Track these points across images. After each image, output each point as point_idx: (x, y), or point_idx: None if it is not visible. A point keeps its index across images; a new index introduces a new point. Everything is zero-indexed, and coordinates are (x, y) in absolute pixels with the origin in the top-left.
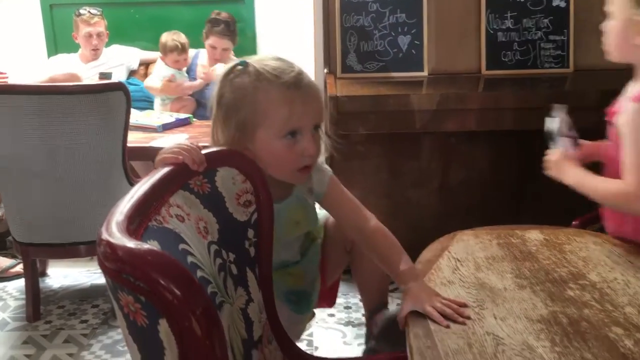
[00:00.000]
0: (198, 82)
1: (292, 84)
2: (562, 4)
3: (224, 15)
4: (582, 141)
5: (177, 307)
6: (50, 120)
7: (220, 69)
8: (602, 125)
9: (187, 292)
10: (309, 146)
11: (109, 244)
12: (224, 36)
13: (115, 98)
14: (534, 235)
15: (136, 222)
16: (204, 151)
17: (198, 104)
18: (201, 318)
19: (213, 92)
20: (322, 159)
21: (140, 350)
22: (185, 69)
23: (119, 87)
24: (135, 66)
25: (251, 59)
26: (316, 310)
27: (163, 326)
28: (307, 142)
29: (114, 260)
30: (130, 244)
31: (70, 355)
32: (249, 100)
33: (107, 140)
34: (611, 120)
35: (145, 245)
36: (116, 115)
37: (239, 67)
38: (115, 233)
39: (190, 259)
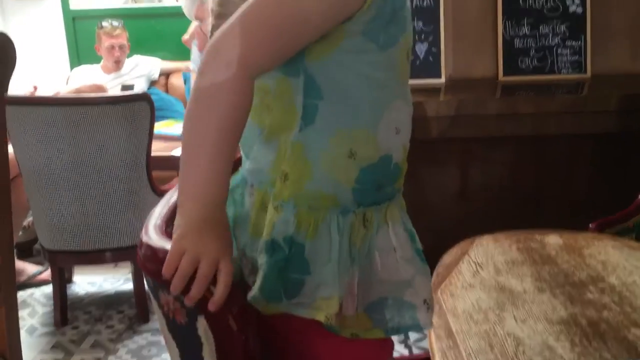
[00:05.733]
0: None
1: None
2: (579, 10)
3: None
4: None
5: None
6: (78, 131)
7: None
8: (622, 128)
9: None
10: None
11: (150, 247)
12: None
13: (140, 108)
14: (553, 240)
15: (172, 226)
16: None
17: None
18: (237, 316)
19: None
20: None
21: (179, 346)
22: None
23: (143, 97)
24: (156, 76)
25: None
26: None
27: (201, 323)
28: None
29: (155, 262)
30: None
31: (98, 359)
32: None
33: (133, 150)
34: None
35: None
36: (141, 125)
37: None
38: (154, 236)
39: None
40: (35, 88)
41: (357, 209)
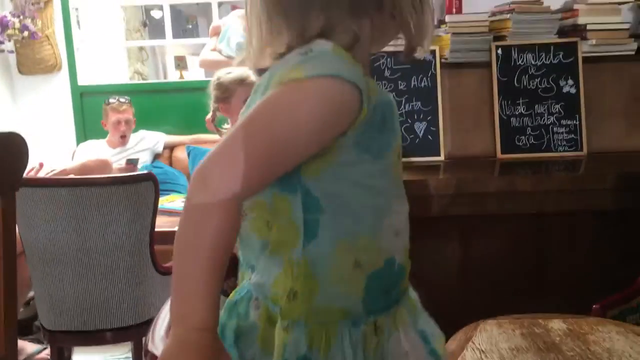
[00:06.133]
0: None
1: None
2: (572, 90)
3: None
4: None
5: None
6: (82, 211)
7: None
8: (619, 206)
9: None
10: None
11: (155, 357)
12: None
13: (145, 188)
14: (557, 325)
15: None
16: None
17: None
18: None
19: None
20: None
21: None
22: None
23: (148, 177)
24: (160, 150)
25: None
26: None
27: None
28: None
29: None
30: None
31: None
32: None
33: (136, 229)
34: None
35: None
36: (145, 204)
37: None
38: (160, 345)
39: None
40: (41, 165)
41: (368, 318)
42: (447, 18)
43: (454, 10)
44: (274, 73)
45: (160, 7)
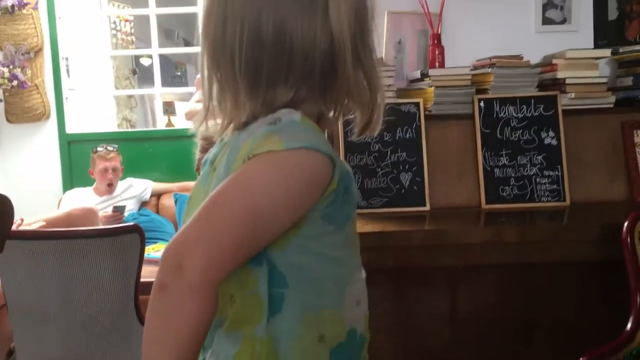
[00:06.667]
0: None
1: None
2: (554, 142)
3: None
4: None
5: None
6: (67, 263)
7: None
8: (604, 257)
9: None
10: None
11: None
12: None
13: (131, 240)
14: None
15: None
16: None
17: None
18: None
19: None
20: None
21: None
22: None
23: (134, 229)
24: (147, 197)
25: None
26: None
27: None
28: None
29: None
30: None
31: None
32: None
33: (121, 281)
34: None
35: None
36: (131, 256)
37: None
38: None
39: None
40: (22, 220)
41: None
42: (431, 72)
43: (437, 64)
44: (238, 144)
45: (150, 56)
